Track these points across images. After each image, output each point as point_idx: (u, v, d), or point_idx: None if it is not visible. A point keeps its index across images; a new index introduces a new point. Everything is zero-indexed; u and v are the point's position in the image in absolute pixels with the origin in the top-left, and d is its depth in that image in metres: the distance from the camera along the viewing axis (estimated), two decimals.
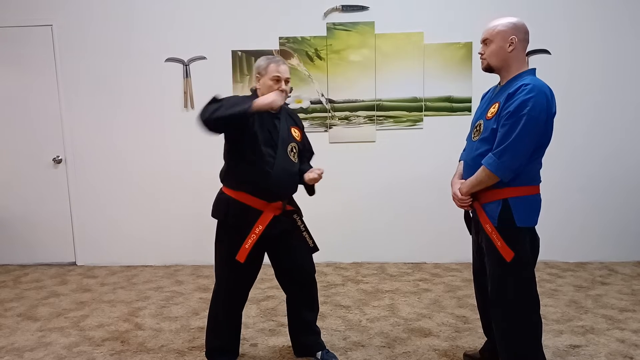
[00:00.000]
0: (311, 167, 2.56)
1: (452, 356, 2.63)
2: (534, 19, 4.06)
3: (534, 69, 2.15)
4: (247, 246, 2.30)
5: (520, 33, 2.10)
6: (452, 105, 4.14)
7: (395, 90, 4.16)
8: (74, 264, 4.47)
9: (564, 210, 4.19)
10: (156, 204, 4.35)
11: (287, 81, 2.36)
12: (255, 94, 2.40)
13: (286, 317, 2.65)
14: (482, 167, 2.07)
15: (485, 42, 2.16)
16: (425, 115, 4.17)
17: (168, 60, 4.21)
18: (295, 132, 2.48)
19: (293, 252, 2.50)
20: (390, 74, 4.14)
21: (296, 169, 2.45)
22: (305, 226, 2.52)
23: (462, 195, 2.20)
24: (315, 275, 2.62)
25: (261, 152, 2.29)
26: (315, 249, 2.55)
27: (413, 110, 4.17)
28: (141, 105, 4.27)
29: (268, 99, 2.18)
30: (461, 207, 2.26)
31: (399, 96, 4.16)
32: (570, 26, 4.05)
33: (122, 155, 4.33)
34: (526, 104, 1.95)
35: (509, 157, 1.98)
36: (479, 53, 2.20)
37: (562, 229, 4.20)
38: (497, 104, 2.09)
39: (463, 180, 2.23)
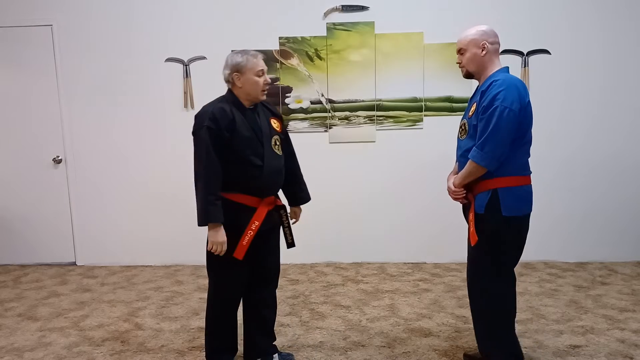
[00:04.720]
0: (301, 176, 2.61)
1: (452, 356, 2.63)
2: (534, 19, 4.07)
3: (507, 67, 2.31)
4: (244, 243, 2.28)
5: (490, 37, 2.28)
6: (452, 105, 4.14)
7: (395, 90, 4.16)
8: (74, 264, 4.47)
9: (564, 210, 4.19)
10: (156, 204, 4.35)
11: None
12: (232, 95, 2.32)
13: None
14: (470, 161, 2.22)
15: (460, 51, 2.34)
16: (425, 115, 4.17)
17: (168, 60, 4.21)
18: (275, 123, 2.44)
19: (272, 249, 2.50)
20: (390, 74, 4.14)
21: (283, 162, 2.44)
22: (289, 222, 2.52)
23: (454, 187, 2.34)
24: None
25: (249, 153, 2.27)
26: (294, 244, 2.54)
27: (413, 110, 4.17)
28: (141, 106, 4.27)
29: (219, 240, 2.22)
30: (455, 199, 2.40)
31: (399, 96, 4.16)
32: (570, 26, 4.04)
33: (122, 155, 4.33)
34: (497, 97, 2.12)
35: (490, 147, 2.13)
36: (457, 62, 2.38)
37: (562, 229, 4.20)
38: (475, 103, 2.27)
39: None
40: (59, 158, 4.37)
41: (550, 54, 4.07)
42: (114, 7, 4.19)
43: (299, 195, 2.59)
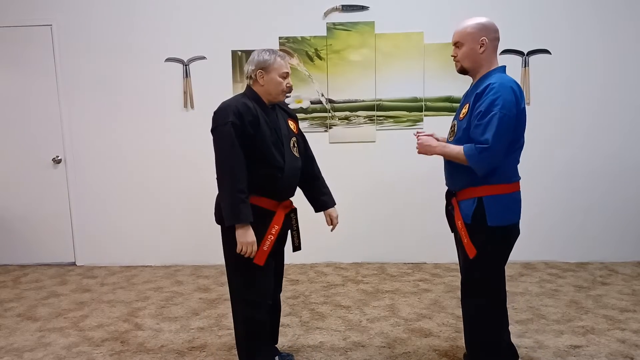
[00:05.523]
0: (323, 180, 2.56)
1: (452, 356, 2.63)
2: (534, 19, 4.07)
3: (504, 67, 2.18)
4: (265, 248, 2.20)
5: (490, 33, 2.14)
6: (452, 105, 4.13)
7: (395, 90, 4.15)
8: (74, 264, 4.47)
9: (564, 210, 4.18)
10: (156, 204, 4.35)
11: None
12: (252, 92, 2.26)
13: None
14: (463, 151, 2.07)
15: (456, 44, 2.20)
16: (425, 115, 4.17)
17: (168, 60, 4.21)
18: (292, 125, 2.41)
19: (281, 253, 2.48)
20: (390, 74, 4.14)
21: (300, 164, 2.38)
22: (298, 225, 2.46)
23: (427, 145, 2.24)
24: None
25: (271, 152, 2.20)
26: (300, 247, 2.47)
27: (413, 110, 4.17)
28: (141, 105, 4.27)
29: (248, 240, 2.10)
30: (419, 146, 2.30)
31: (399, 96, 4.16)
32: (570, 26, 4.04)
33: (122, 155, 4.33)
34: (495, 103, 2.00)
35: (488, 155, 2.01)
36: (452, 56, 2.24)
37: (563, 229, 4.20)
38: (467, 105, 2.15)
39: (443, 142, 2.28)
40: (59, 158, 4.37)
41: (550, 53, 4.07)
42: (114, 7, 4.19)
43: (321, 199, 2.50)
